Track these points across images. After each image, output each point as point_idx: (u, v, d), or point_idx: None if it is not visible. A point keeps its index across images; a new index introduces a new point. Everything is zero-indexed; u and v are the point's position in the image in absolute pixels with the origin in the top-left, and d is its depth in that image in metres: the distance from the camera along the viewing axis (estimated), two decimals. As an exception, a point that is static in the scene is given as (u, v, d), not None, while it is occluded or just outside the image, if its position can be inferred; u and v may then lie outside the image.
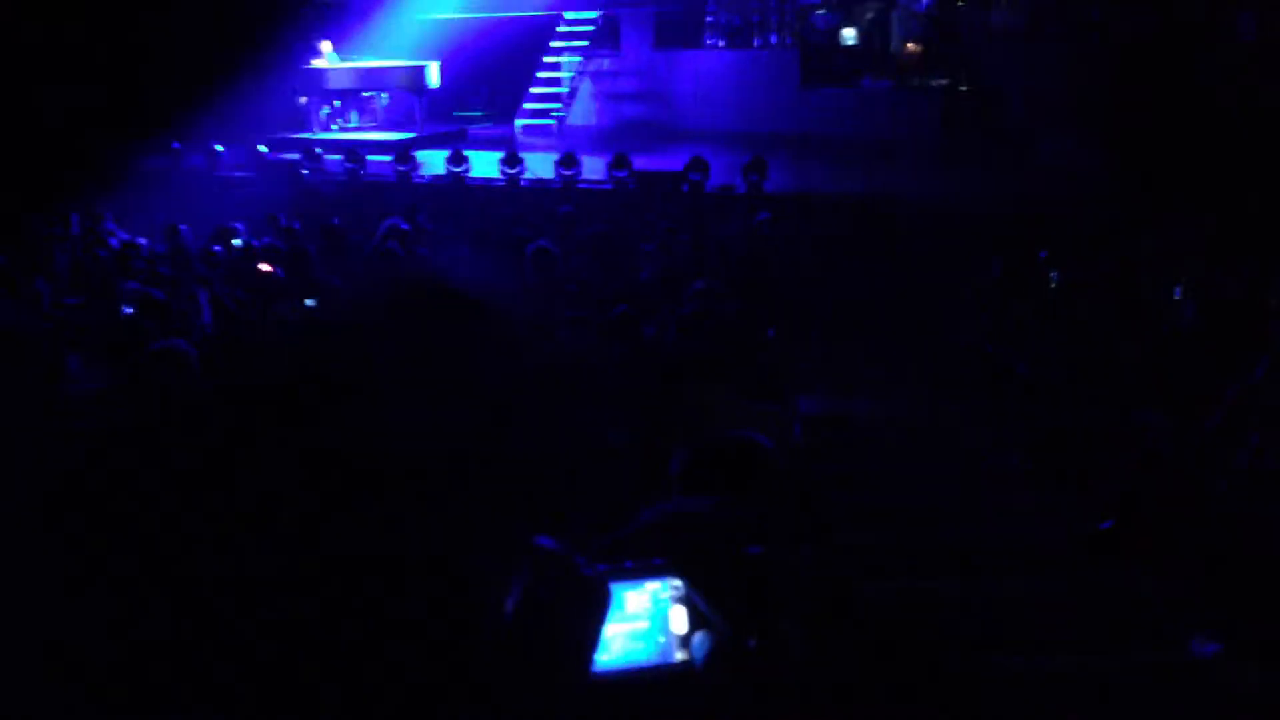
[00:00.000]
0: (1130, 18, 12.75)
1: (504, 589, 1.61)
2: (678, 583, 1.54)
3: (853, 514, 2.64)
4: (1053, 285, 6.84)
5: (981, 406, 3.88)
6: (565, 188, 12.33)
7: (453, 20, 17.68)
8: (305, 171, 13.82)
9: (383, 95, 16.70)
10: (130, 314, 6.85)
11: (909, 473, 3.11)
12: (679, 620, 1.49)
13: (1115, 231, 8.14)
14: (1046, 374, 4.49)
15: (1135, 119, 11.00)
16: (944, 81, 15.15)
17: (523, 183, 12.81)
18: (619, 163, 12.30)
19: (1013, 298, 6.39)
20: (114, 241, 9.78)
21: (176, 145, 14.48)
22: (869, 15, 16.44)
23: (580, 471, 3.36)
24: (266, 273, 7.94)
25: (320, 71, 15.99)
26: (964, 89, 14.88)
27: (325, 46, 16.15)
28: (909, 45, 15.82)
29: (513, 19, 17.57)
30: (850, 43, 16.37)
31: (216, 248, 9.13)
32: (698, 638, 1.50)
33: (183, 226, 9.56)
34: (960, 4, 15.89)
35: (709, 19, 16.87)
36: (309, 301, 6.82)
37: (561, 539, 1.73)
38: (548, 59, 17.15)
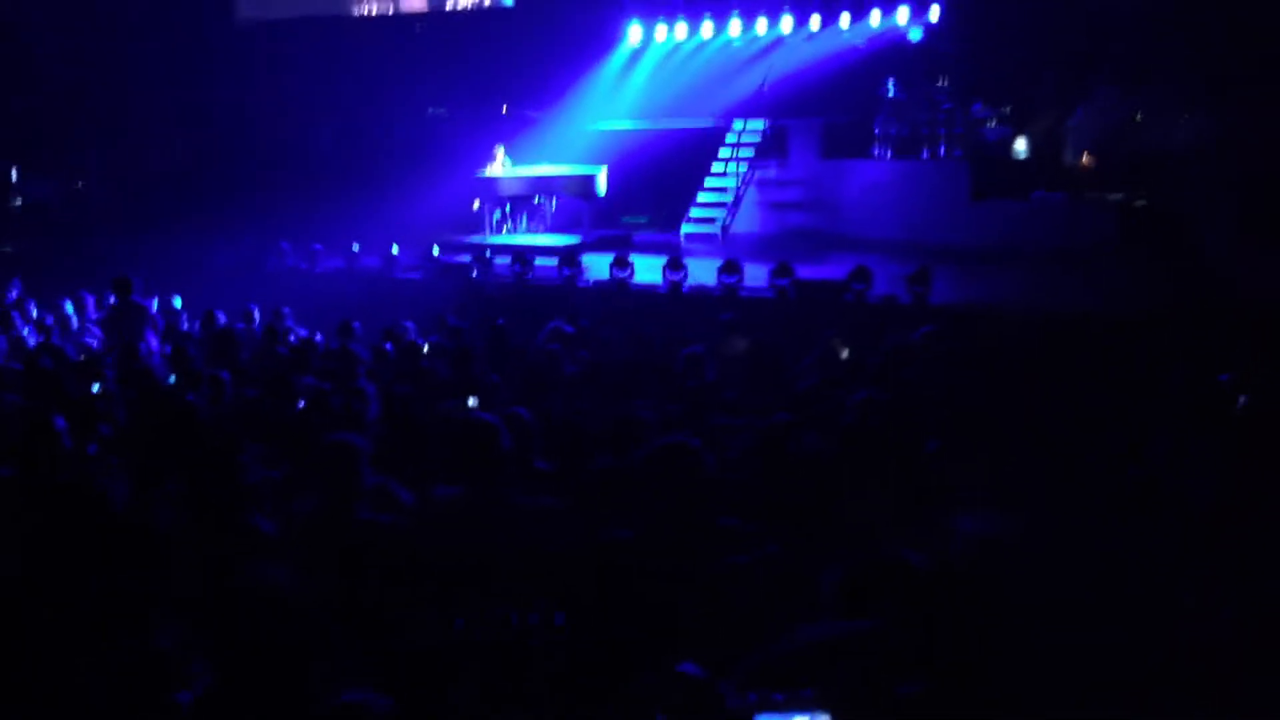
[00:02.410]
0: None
1: (648, 715, 1.56)
2: (827, 719, 1.46)
3: (1008, 645, 2.49)
4: (1238, 410, 6.47)
5: (1153, 538, 3.66)
6: (726, 295, 12.37)
7: (623, 131, 18.16)
8: (474, 273, 14.25)
9: (552, 200, 17.16)
10: (304, 407, 7.12)
11: (1069, 605, 2.93)
12: None
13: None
14: (1229, 506, 4.21)
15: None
16: (1120, 196, 14.76)
17: (685, 289, 12.91)
18: (781, 271, 12.29)
19: (1193, 422, 6.08)
20: (292, 338, 10.22)
21: (355, 247, 15.13)
22: (1042, 127, 16.23)
23: (725, 582, 3.29)
24: (429, 370, 8.15)
25: (494, 178, 16.56)
26: (1142, 203, 14.44)
27: (499, 153, 16.75)
28: (1085, 158, 15.51)
29: (681, 130, 17.94)
30: (1022, 155, 16.14)
31: (387, 345, 9.44)
32: None
33: (356, 324, 9.94)
34: (1139, 118, 15.54)
35: (877, 131, 16.90)
36: (471, 400, 6.97)
37: (705, 664, 1.66)
38: (714, 167, 17.38)
